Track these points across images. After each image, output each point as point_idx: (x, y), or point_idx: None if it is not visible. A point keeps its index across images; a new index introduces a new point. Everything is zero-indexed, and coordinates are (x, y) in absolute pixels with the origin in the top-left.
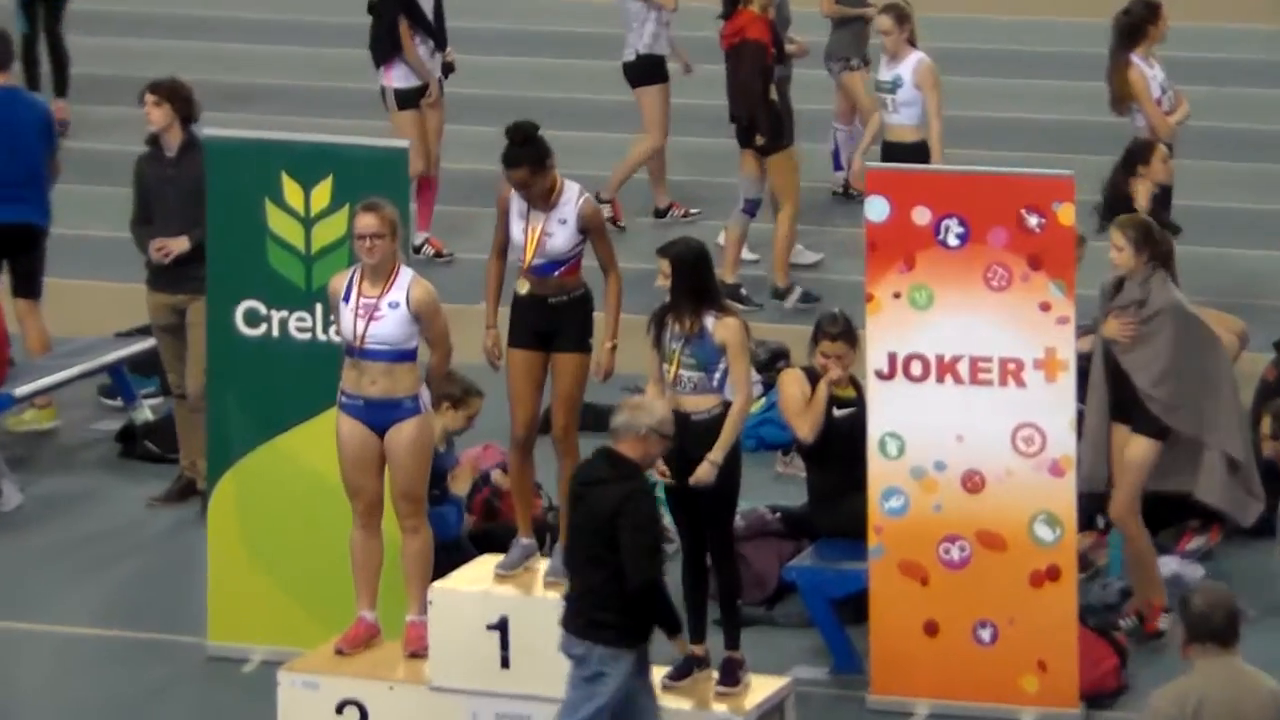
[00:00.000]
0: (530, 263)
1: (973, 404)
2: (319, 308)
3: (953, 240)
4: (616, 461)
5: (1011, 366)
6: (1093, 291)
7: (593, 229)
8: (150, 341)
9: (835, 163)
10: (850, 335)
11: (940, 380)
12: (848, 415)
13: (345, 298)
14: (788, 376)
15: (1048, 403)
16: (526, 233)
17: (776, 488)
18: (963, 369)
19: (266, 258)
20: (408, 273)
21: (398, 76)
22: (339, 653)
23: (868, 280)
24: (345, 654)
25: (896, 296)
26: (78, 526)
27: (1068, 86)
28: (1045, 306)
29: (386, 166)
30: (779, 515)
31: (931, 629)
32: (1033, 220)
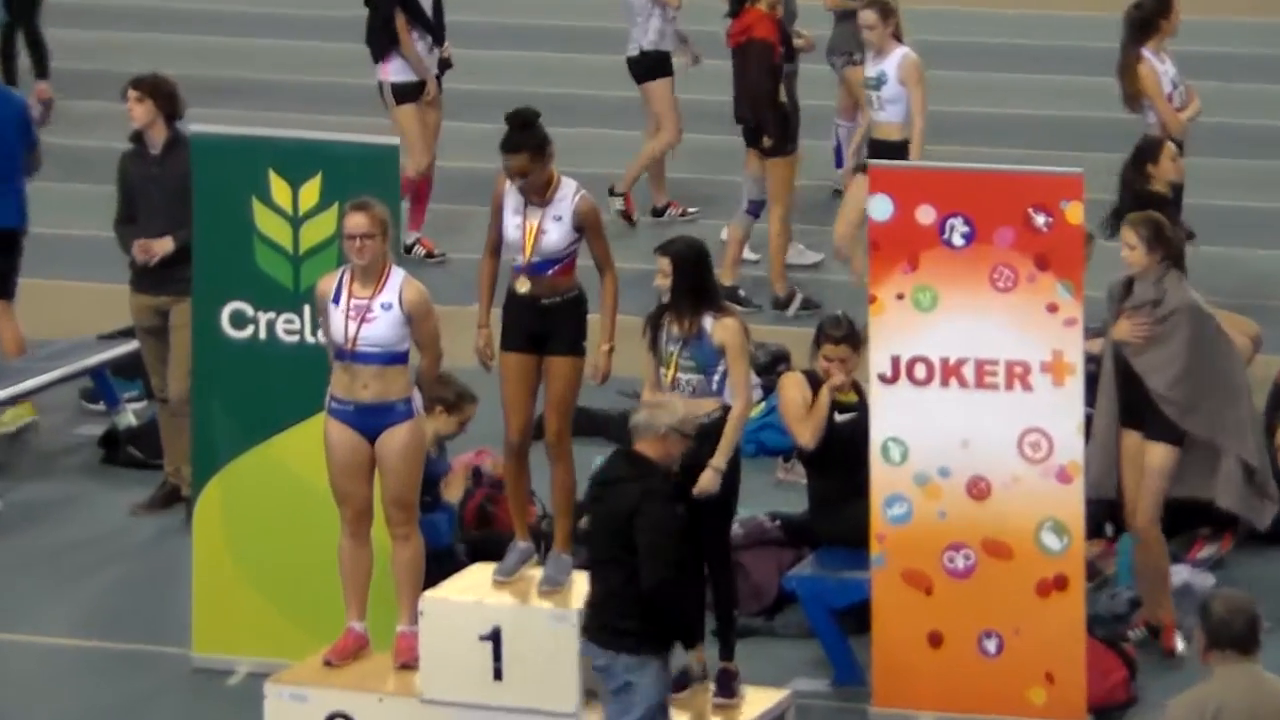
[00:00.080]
0: (527, 260)
1: (978, 408)
2: (307, 309)
3: (958, 240)
4: (635, 461)
5: (1018, 370)
6: (1101, 293)
7: (589, 227)
8: (134, 344)
9: (837, 160)
10: (853, 338)
11: (945, 384)
12: (849, 420)
13: (335, 299)
14: (788, 380)
15: (1055, 407)
16: (523, 229)
17: (776, 494)
18: (968, 372)
19: (253, 258)
20: (399, 273)
21: (395, 70)
22: (327, 664)
23: (870, 281)
24: (334, 665)
25: (900, 298)
26: (59, 534)
27: (1076, 82)
28: (1053, 308)
29: (377, 164)
30: (779, 523)
31: (935, 640)
32: (1040, 219)
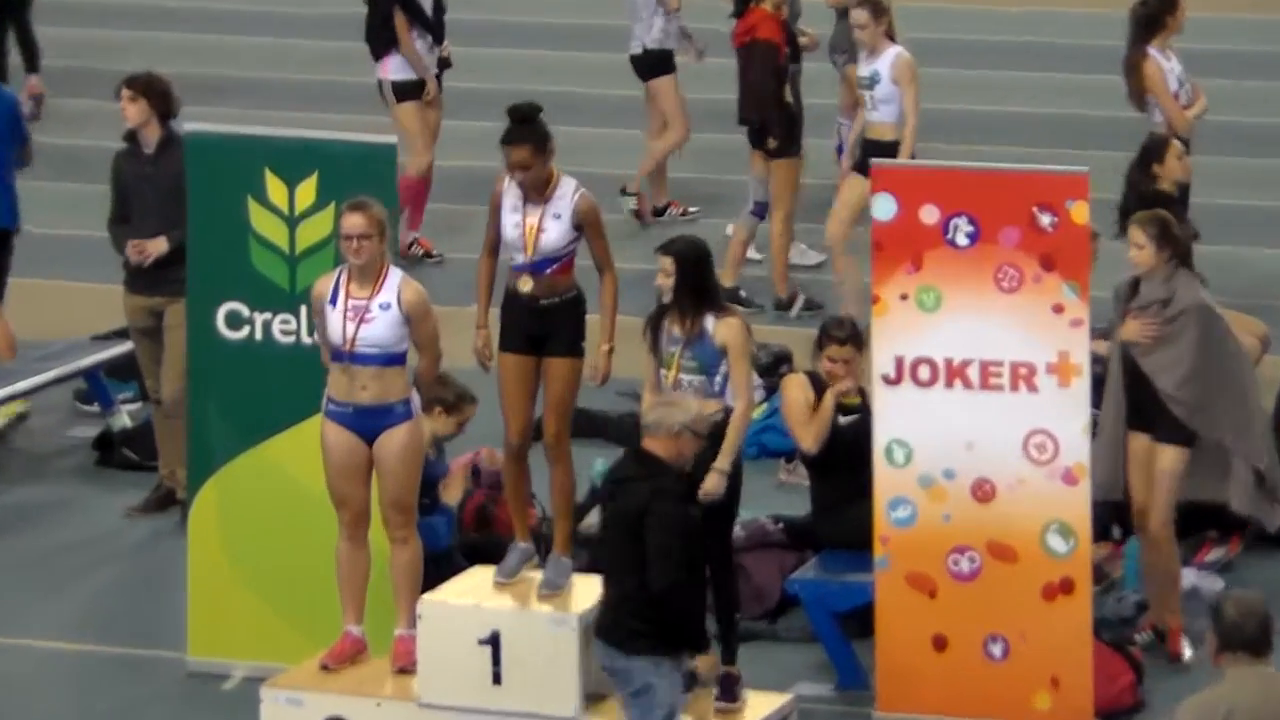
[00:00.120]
0: (531, 259)
1: (983, 410)
2: (303, 310)
3: (962, 240)
4: (646, 460)
5: (1023, 371)
6: (1106, 294)
7: (588, 225)
8: (128, 345)
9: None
10: (857, 339)
11: (949, 385)
12: (852, 422)
13: (332, 300)
14: (791, 382)
15: (1061, 408)
16: (522, 227)
17: (778, 497)
18: (972, 373)
19: (249, 258)
20: (397, 273)
21: (395, 68)
22: (324, 668)
23: (874, 281)
24: (331, 670)
25: (904, 298)
26: (52, 537)
27: (1081, 80)
28: (1058, 309)
29: (374, 163)
30: (781, 525)
31: (940, 644)
32: (1045, 219)
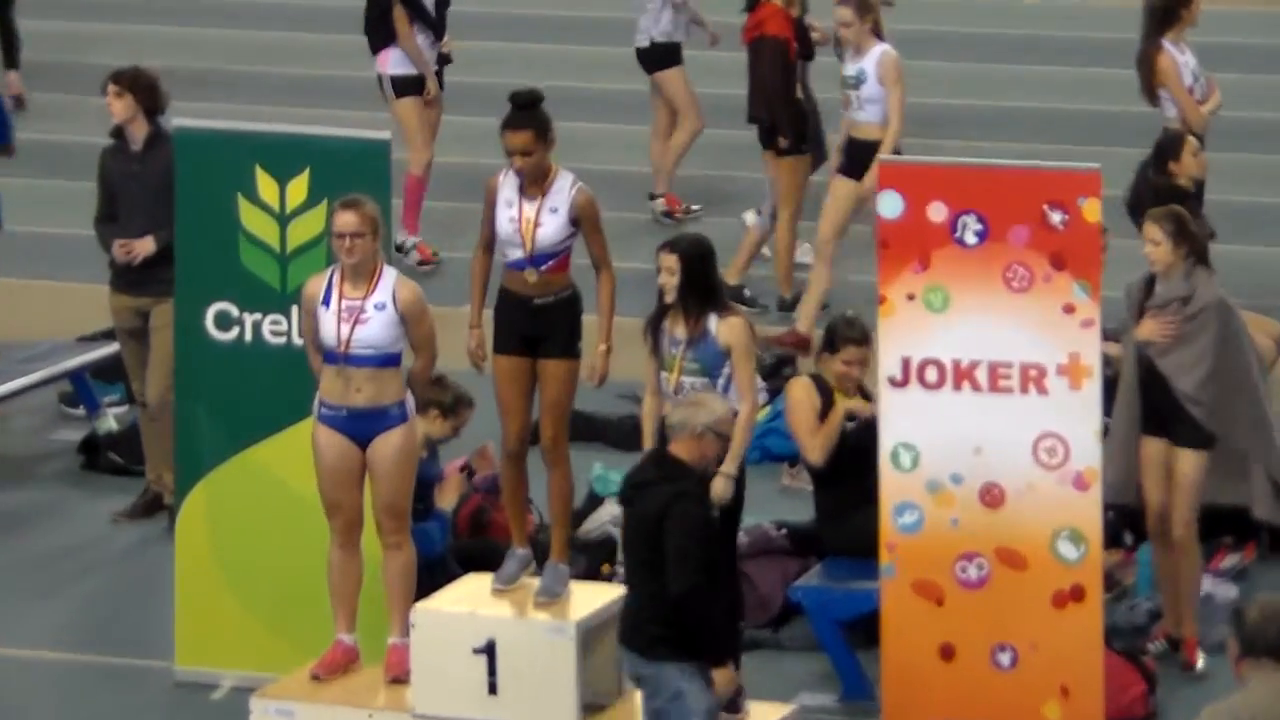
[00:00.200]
0: (527, 254)
1: (992, 413)
2: (294, 310)
3: (970, 238)
4: (666, 463)
5: (1033, 373)
6: (1118, 293)
7: (586, 220)
8: (114, 346)
9: None
10: (868, 339)
11: (957, 387)
12: (857, 426)
13: (325, 301)
14: (797, 387)
15: (1072, 411)
16: (518, 221)
17: (782, 502)
18: (981, 375)
19: (239, 257)
20: (392, 272)
21: (395, 63)
22: (315, 678)
23: (880, 281)
24: (322, 680)
25: (910, 298)
26: (36, 543)
27: (1092, 74)
28: (1069, 309)
29: (367, 159)
30: (784, 531)
31: (947, 653)
32: (1056, 217)
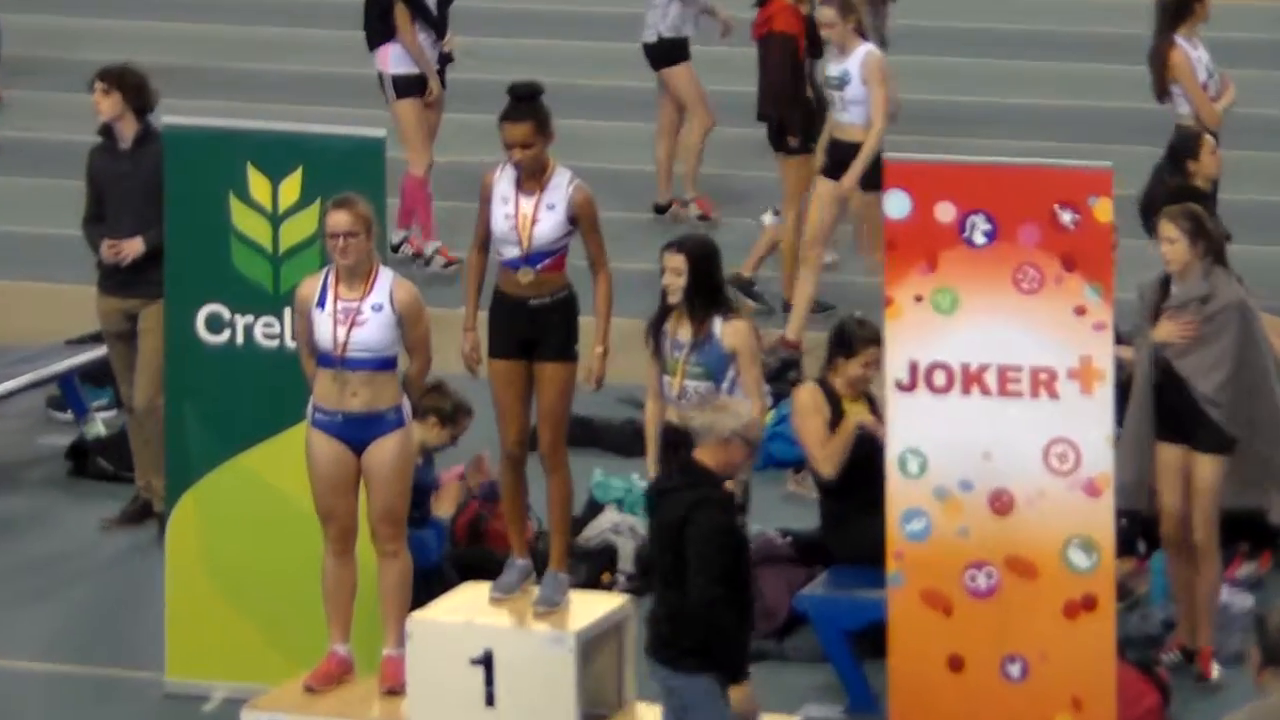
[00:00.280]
0: (523, 252)
1: (1001, 417)
2: (287, 312)
3: (979, 238)
4: (690, 469)
5: (1043, 376)
6: (1130, 295)
7: (583, 218)
8: (103, 349)
9: None
10: (880, 338)
11: (966, 391)
12: (863, 432)
13: (320, 303)
14: (805, 396)
15: (1083, 416)
16: (515, 218)
17: (786, 509)
18: (990, 379)
19: (230, 258)
20: (388, 273)
21: (396, 62)
22: (308, 690)
23: (887, 282)
24: (315, 691)
25: (918, 300)
26: (23, 550)
27: (1103, 70)
28: (1080, 311)
29: (361, 157)
30: (789, 539)
31: (956, 664)
32: (1066, 216)
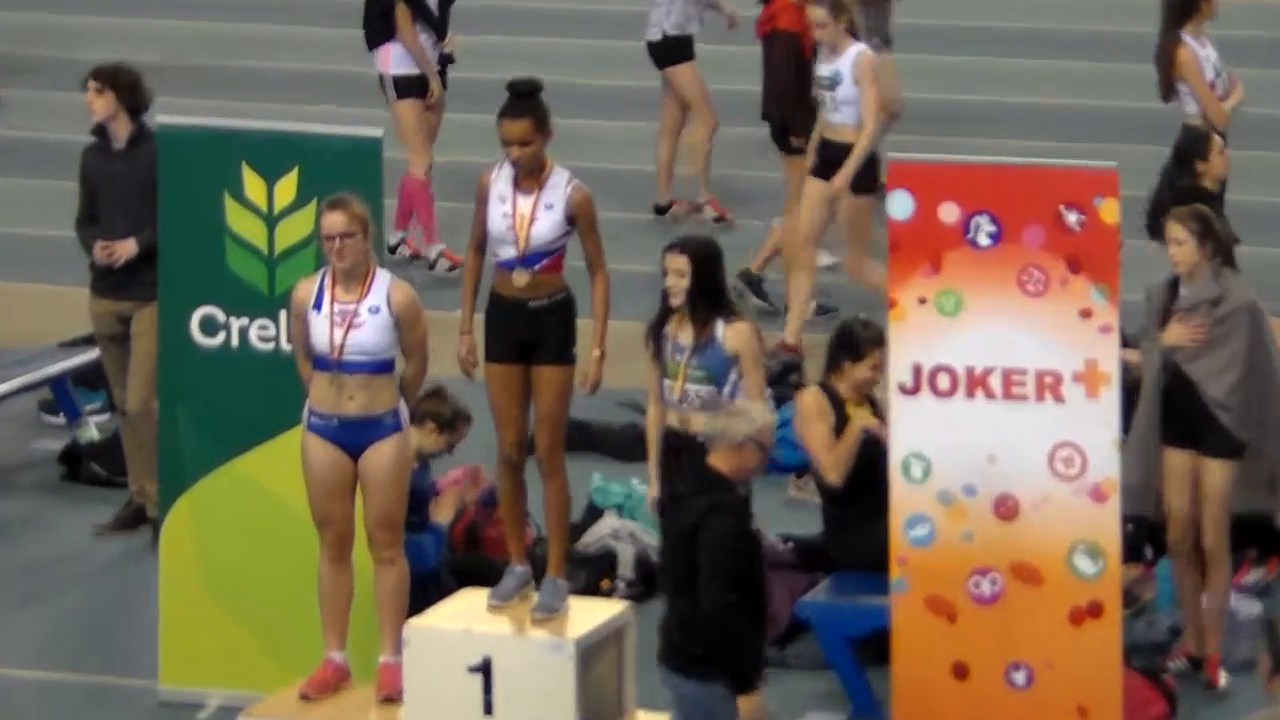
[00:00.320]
0: (520, 252)
1: (1006, 421)
2: (283, 314)
3: (984, 240)
4: (704, 475)
5: (1049, 380)
6: (1137, 296)
7: (582, 218)
8: (97, 352)
9: None
10: (884, 339)
11: (970, 395)
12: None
13: (316, 305)
14: (809, 400)
15: (1089, 420)
16: (512, 217)
17: (788, 514)
18: (995, 382)
19: (225, 259)
20: (385, 274)
21: (397, 62)
22: (304, 698)
23: (890, 284)
24: (311, 699)
25: (922, 302)
26: (15, 556)
27: (1105, 69)
28: (1086, 313)
29: (358, 157)
30: (791, 545)
31: (960, 671)
32: (1072, 218)
